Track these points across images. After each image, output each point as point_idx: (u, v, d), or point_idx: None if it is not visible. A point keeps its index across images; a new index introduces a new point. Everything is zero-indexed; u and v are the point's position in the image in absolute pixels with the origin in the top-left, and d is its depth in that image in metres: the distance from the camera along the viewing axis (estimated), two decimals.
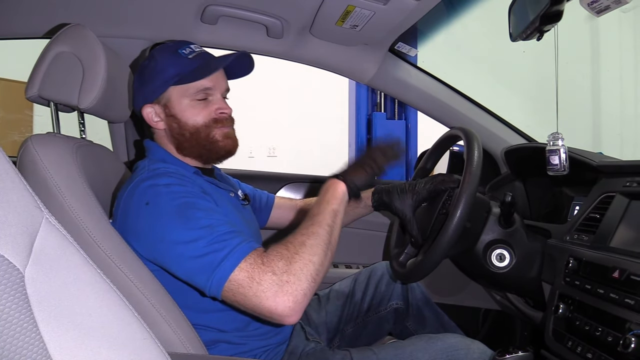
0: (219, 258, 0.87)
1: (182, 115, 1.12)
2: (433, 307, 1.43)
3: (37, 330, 0.50)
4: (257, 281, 0.85)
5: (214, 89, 1.13)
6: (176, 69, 1.10)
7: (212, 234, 0.90)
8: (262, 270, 0.86)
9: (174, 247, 0.91)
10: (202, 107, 1.13)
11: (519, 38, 1.12)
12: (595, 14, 0.99)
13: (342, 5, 1.24)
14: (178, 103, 1.12)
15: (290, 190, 1.88)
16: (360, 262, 1.83)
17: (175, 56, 1.12)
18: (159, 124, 1.14)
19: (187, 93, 1.12)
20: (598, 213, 1.12)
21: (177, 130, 1.13)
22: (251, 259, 0.87)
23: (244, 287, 0.85)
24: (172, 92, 1.12)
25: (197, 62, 1.11)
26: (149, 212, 0.95)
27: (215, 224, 0.92)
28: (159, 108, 1.14)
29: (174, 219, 0.93)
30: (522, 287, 1.28)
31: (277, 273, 0.86)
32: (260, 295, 0.84)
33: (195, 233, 0.90)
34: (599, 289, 0.96)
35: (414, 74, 1.68)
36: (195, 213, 0.93)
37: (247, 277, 0.85)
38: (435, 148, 1.42)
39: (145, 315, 0.86)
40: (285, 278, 0.85)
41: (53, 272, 0.55)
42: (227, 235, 0.90)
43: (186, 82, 1.11)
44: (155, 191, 0.98)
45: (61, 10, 1.37)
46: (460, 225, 1.07)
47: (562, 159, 1.17)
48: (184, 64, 1.11)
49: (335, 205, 1.04)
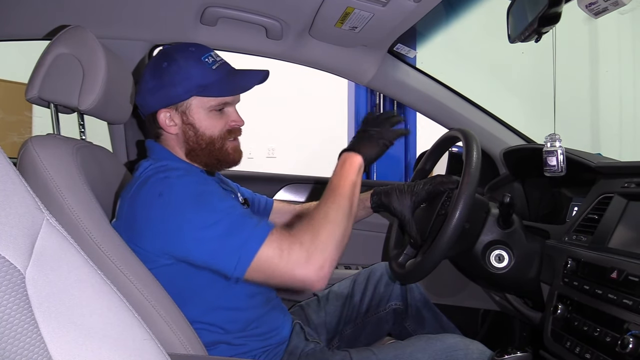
0: (243, 238, 0.92)
1: (200, 125, 1.12)
2: (432, 308, 1.43)
3: (38, 331, 0.50)
4: (287, 252, 0.91)
5: (232, 102, 1.15)
6: (202, 80, 1.09)
7: (231, 215, 0.95)
8: (291, 242, 0.93)
9: (193, 233, 0.93)
10: (219, 118, 1.13)
11: (517, 39, 1.12)
12: (593, 15, 1.00)
13: (341, 6, 1.25)
14: (197, 112, 1.12)
15: (290, 191, 1.88)
16: (359, 262, 1.83)
17: (200, 65, 1.10)
18: (172, 128, 1.12)
19: (208, 105, 1.11)
20: (596, 214, 1.12)
21: (192, 139, 1.12)
22: (276, 234, 0.93)
23: (274, 260, 0.91)
24: (193, 101, 1.11)
25: (220, 74, 1.10)
26: (164, 202, 0.96)
27: (231, 207, 0.97)
28: (176, 114, 1.12)
29: (191, 205, 0.95)
30: (520, 288, 1.28)
31: (304, 243, 0.93)
32: (291, 266, 0.91)
33: (214, 216, 0.94)
34: (597, 289, 0.96)
35: (413, 75, 1.68)
36: (212, 198, 0.97)
37: (277, 249, 0.91)
38: (434, 149, 1.42)
39: (145, 316, 0.86)
40: (312, 248, 0.93)
41: (54, 273, 0.55)
42: (245, 217, 0.95)
43: (212, 95, 1.10)
44: (169, 182, 0.99)
45: (61, 12, 1.37)
46: (459, 226, 1.07)
47: (560, 160, 1.17)
48: (209, 75, 1.09)
49: (353, 176, 1.09)
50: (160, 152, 1.14)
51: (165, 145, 1.15)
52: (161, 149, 1.15)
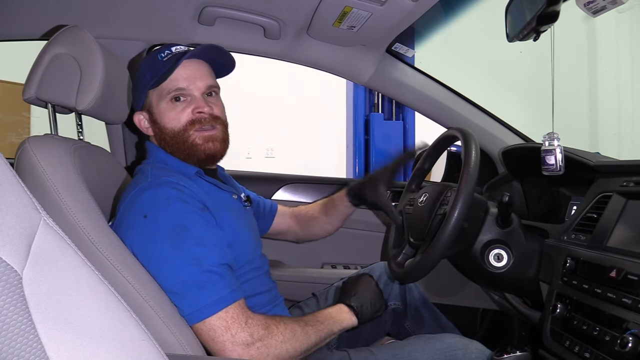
0: (201, 300, 0.91)
1: (161, 119, 1.12)
2: (431, 308, 1.43)
3: (35, 332, 0.50)
4: (232, 334, 0.91)
5: (189, 88, 1.11)
6: (151, 73, 1.10)
7: (200, 267, 0.93)
8: (241, 328, 0.92)
9: (162, 264, 0.94)
10: (180, 108, 1.11)
11: (515, 38, 1.12)
12: (591, 14, 1.00)
13: (339, 6, 1.25)
14: (157, 107, 1.13)
15: (288, 191, 1.88)
16: (358, 262, 1.83)
17: (153, 61, 1.12)
18: (148, 130, 1.16)
19: (162, 95, 1.11)
20: (595, 213, 1.12)
21: (159, 135, 1.14)
22: (233, 311, 0.93)
23: (217, 333, 0.91)
24: (152, 97, 1.13)
25: (169, 63, 1.09)
26: (145, 227, 0.97)
27: (204, 256, 0.95)
28: (146, 114, 1.15)
29: (166, 240, 0.95)
30: (520, 287, 1.28)
31: (253, 336, 0.92)
32: (228, 347, 0.91)
33: (182, 262, 0.94)
34: (597, 288, 0.96)
35: (411, 75, 1.68)
36: (189, 240, 0.95)
37: (224, 326, 0.91)
38: (432, 148, 1.42)
39: (143, 317, 0.86)
40: (258, 344, 0.92)
41: (51, 274, 0.55)
42: (213, 275, 0.94)
43: (159, 83, 1.10)
44: (156, 205, 0.99)
45: (58, 12, 1.37)
46: (458, 225, 1.07)
47: (558, 159, 1.17)
48: (158, 67, 1.10)
49: (336, 330, 1.08)
50: (156, 153, 1.15)
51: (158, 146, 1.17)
52: (156, 149, 1.16)
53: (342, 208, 1.45)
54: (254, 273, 1.17)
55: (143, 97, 1.14)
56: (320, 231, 1.51)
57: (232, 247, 1.06)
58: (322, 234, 1.52)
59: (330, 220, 1.48)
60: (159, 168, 1.10)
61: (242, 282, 1.06)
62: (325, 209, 1.48)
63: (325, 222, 1.49)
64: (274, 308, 1.18)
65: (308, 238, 1.54)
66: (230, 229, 1.08)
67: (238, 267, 1.09)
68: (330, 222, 1.49)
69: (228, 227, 1.08)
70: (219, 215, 1.06)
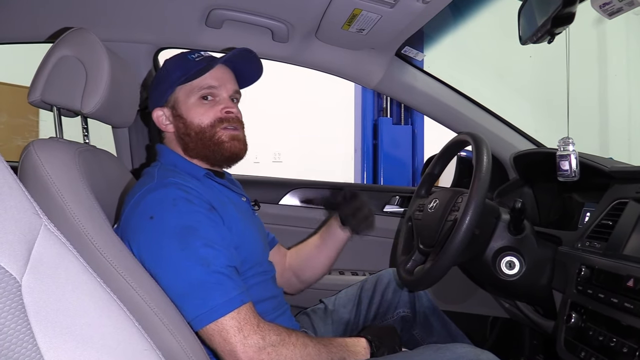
0: (211, 301, 0.90)
1: (188, 115, 1.13)
2: (440, 315, 1.40)
3: (34, 341, 0.49)
4: (244, 335, 0.89)
5: (219, 87, 1.14)
6: (182, 70, 1.12)
7: (208, 268, 0.92)
8: (253, 330, 0.90)
9: (168, 266, 0.93)
10: (209, 106, 1.13)
11: (529, 41, 1.10)
12: (607, 16, 0.98)
13: (349, 8, 1.23)
14: (184, 103, 1.14)
15: (295, 196, 1.86)
16: (366, 268, 1.81)
17: (183, 60, 1.15)
18: (168, 127, 1.16)
19: (193, 91, 1.13)
20: (610, 220, 1.09)
21: (183, 130, 1.14)
22: (245, 312, 0.91)
23: (229, 334, 0.89)
24: (179, 93, 1.14)
25: (202, 63, 1.12)
26: (152, 228, 0.96)
27: (212, 257, 0.94)
28: (168, 111, 1.16)
29: (173, 241, 0.94)
30: (532, 296, 1.25)
31: (265, 340, 0.90)
32: (239, 348, 0.88)
33: (189, 263, 0.92)
34: (613, 298, 0.94)
35: (421, 78, 1.66)
36: (195, 241, 0.94)
37: (237, 327, 0.89)
38: (442, 154, 1.40)
39: (148, 324, 0.84)
40: (269, 349, 0.90)
41: (51, 281, 0.54)
42: (221, 276, 0.93)
43: (191, 79, 1.12)
44: (162, 206, 0.98)
45: (65, 15, 1.36)
46: (469, 232, 1.05)
47: (573, 165, 1.15)
48: (190, 66, 1.12)
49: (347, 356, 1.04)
50: (167, 155, 1.16)
51: (170, 147, 1.17)
52: (167, 152, 1.16)
53: (336, 235, 1.38)
54: (261, 277, 1.15)
55: (169, 93, 1.15)
56: (312, 273, 1.42)
57: (240, 249, 1.06)
58: (313, 277, 1.43)
59: (325, 253, 1.40)
60: (166, 169, 1.10)
61: (249, 286, 1.05)
62: (320, 239, 1.41)
63: (321, 257, 1.40)
64: (281, 316, 1.17)
65: (295, 285, 1.43)
66: (238, 230, 1.07)
67: (245, 269, 1.08)
68: (326, 255, 1.40)
69: (236, 228, 1.07)
70: (226, 216, 1.06)
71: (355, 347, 1.07)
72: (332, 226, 1.39)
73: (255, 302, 1.00)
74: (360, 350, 1.07)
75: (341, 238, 1.38)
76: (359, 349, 1.07)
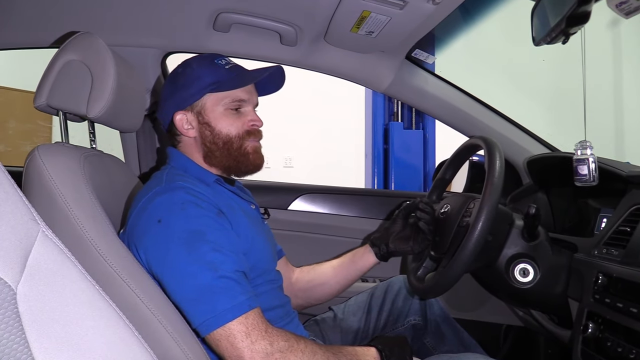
0: (220, 305, 0.88)
1: (217, 124, 1.12)
2: (452, 323, 1.38)
3: (29, 351, 0.47)
4: (251, 340, 0.87)
5: (248, 101, 1.14)
6: (214, 77, 1.11)
7: (216, 273, 0.91)
8: (261, 336, 0.88)
9: (175, 271, 0.92)
10: (236, 117, 1.13)
11: (542, 42, 1.07)
12: (623, 15, 0.95)
13: (357, 11, 1.21)
14: (212, 111, 1.12)
15: (305, 201, 1.84)
16: (376, 275, 1.78)
17: (213, 65, 1.13)
18: (189, 131, 1.13)
19: (223, 102, 1.12)
20: (628, 226, 1.06)
21: (209, 139, 1.12)
22: (253, 318, 0.90)
23: (236, 339, 0.87)
24: (207, 100, 1.12)
25: (234, 72, 1.12)
26: (159, 232, 0.95)
27: (220, 261, 0.93)
28: (192, 115, 1.13)
29: (181, 246, 0.93)
30: (546, 304, 1.22)
31: (273, 346, 0.88)
32: (247, 354, 0.87)
33: (197, 268, 0.91)
34: (632, 307, 0.90)
35: (432, 82, 1.64)
36: (203, 246, 0.93)
37: (244, 332, 0.88)
38: (454, 158, 1.38)
39: (151, 331, 0.83)
40: (277, 355, 0.88)
41: (48, 289, 0.52)
42: (230, 283, 0.91)
43: (224, 89, 1.11)
44: (170, 210, 0.97)
45: (72, 19, 1.37)
46: (482, 238, 1.02)
47: (592, 169, 1.11)
48: (222, 73, 1.11)
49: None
50: (178, 159, 1.14)
51: (184, 152, 1.15)
52: (179, 155, 1.15)
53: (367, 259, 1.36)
54: (269, 285, 1.14)
55: (196, 98, 1.12)
56: (322, 294, 1.39)
57: (249, 255, 1.04)
58: (321, 298, 1.40)
59: (343, 279, 1.38)
60: (175, 174, 1.08)
61: (258, 294, 1.03)
62: (343, 263, 1.39)
63: (335, 284, 1.38)
64: (288, 324, 1.15)
65: (301, 300, 1.40)
66: (247, 236, 1.06)
67: (254, 276, 1.07)
68: (341, 282, 1.38)
69: (245, 234, 1.06)
70: (235, 221, 1.04)
71: (365, 356, 1.04)
72: (364, 252, 1.37)
73: (264, 311, 0.99)
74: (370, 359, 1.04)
75: (369, 263, 1.36)
76: (369, 358, 1.04)
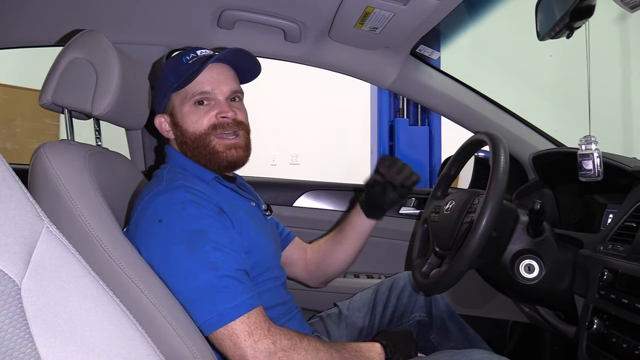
0: (221, 302, 0.89)
1: (184, 122, 1.11)
2: (457, 320, 1.37)
3: (34, 345, 0.48)
4: (254, 340, 0.87)
5: (213, 92, 1.10)
6: (176, 75, 1.09)
7: (217, 272, 0.91)
8: (264, 335, 0.88)
9: (177, 270, 0.92)
10: (203, 112, 1.10)
11: (547, 36, 1.06)
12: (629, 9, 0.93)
13: (361, 6, 1.21)
14: (180, 110, 1.12)
15: (311, 198, 1.84)
16: (381, 271, 1.78)
17: (178, 63, 1.11)
18: (169, 133, 1.15)
19: (187, 98, 1.10)
20: (634, 222, 1.05)
21: (180, 139, 1.13)
22: (255, 317, 0.90)
23: (239, 338, 0.87)
24: (175, 100, 1.12)
25: (194, 66, 1.08)
26: (160, 232, 0.95)
27: (221, 260, 0.93)
28: (168, 117, 1.15)
29: (182, 245, 0.93)
30: (552, 300, 1.21)
31: (276, 345, 0.88)
32: (249, 353, 0.87)
33: (200, 266, 0.91)
34: (638, 303, 0.90)
35: (437, 78, 1.63)
36: (204, 245, 0.93)
37: (247, 331, 0.88)
38: (459, 154, 1.37)
39: (155, 328, 0.83)
40: (280, 354, 0.88)
41: (52, 284, 0.53)
42: (230, 280, 0.91)
43: (184, 85, 1.09)
44: (171, 209, 0.97)
45: (77, 17, 1.37)
46: (486, 234, 1.02)
47: (596, 164, 1.10)
48: (183, 70, 1.09)
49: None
50: (176, 158, 1.14)
51: (179, 151, 1.16)
52: (176, 154, 1.15)
53: (364, 225, 1.36)
54: (272, 283, 1.14)
55: (166, 100, 1.13)
56: (335, 267, 1.40)
57: (250, 253, 1.04)
58: (337, 271, 1.41)
59: (346, 248, 1.38)
60: (175, 172, 1.08)
61: (260, 291, 1.03)
62: (339, 233, 1.39)
63: (340, 252, 1.38)
64: (291, 320, 1.15)
65: (320, 278, 1.42)
66: (248, 234, 1.06)
67: (256, 274, 1.07)
68: (346, 250, 1.38)
69: (246, 232, 1.05)
70: (236, 219, 1.04)
71: (370, 352, 1.04)
72: (353, 219, 1.36)
73: (266, 309, 0.99)
74: (375, 356, 1.04)
75: (364, 229, 1.35)
76: (373, 354, 1.04)
